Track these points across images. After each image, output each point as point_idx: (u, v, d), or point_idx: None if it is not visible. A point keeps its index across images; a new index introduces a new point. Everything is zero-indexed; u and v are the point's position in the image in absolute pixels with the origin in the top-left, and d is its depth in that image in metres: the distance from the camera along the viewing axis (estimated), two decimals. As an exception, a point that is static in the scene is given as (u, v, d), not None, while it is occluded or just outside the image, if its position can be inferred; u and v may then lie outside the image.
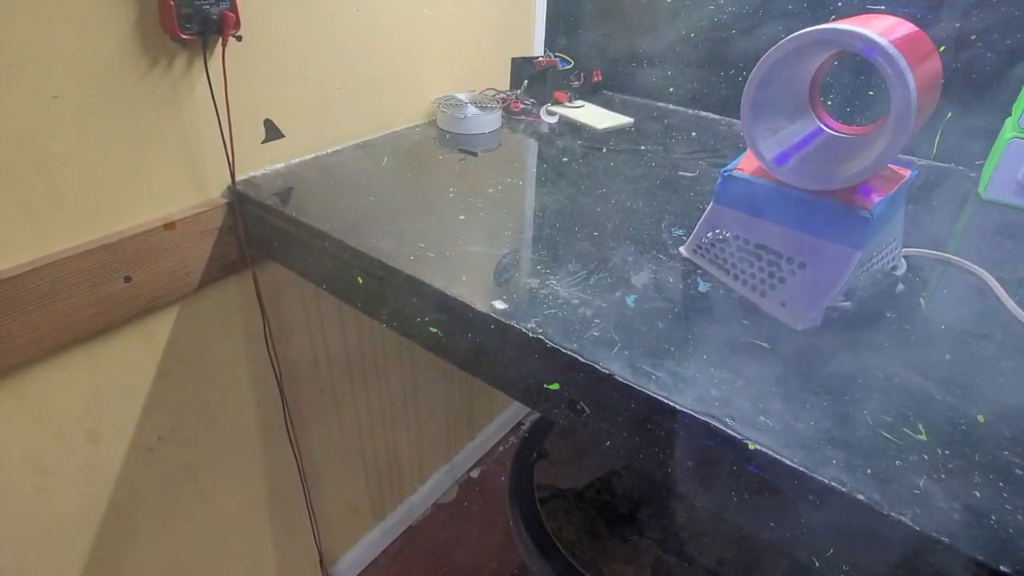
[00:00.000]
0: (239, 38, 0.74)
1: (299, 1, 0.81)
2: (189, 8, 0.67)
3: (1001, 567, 0.35)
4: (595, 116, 1.11)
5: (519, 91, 1.17)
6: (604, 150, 0.97)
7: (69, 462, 0.77)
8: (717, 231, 0.63)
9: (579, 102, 1.17)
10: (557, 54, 1.26)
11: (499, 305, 0.56)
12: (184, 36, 0.68)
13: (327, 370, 1.09)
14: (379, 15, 0.93)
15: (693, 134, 1.06)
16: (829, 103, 1.01)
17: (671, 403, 0.46)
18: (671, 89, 1.20)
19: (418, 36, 1.01)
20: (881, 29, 0.48)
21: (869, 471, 0.41)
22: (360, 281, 0.68)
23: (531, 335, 0.53)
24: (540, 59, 1.20)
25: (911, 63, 0.46)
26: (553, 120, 1.10)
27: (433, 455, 1.52)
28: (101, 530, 0.83)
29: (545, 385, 0.54)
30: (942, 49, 0.90)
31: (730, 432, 0.44)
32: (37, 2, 0.60)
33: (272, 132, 0.85)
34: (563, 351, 0.51)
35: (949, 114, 0.92)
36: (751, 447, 0.43)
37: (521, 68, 1.19)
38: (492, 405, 1.70)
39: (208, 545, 1.00)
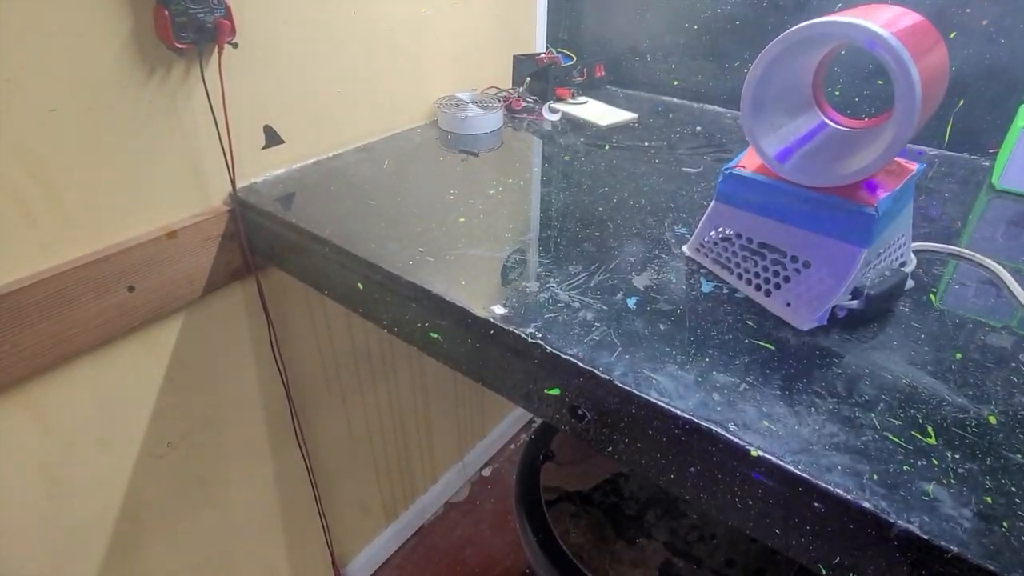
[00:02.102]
0: (235, 45, 0.73)
1: (295, 6, 0.81)
2: (184, 17, 0.67)
3: (1012, 577, 0.34)
4: (598, 112, 1.10)
5: (521, 89, 1.16)
6: (607, 147, 0.96)
7: (80, 470, 0.78)
8: (720, 230, 0.61)
9: (582, 98, 1.15)
10: (559, 50, 1.25)
11: (498, 310, 0.56)
12: (180, 45, 0.68)
13: (334, 372, 1.09)
14: (377, 17, 0.92)
15: (698, 128, 1.04)
16: (837, 93, 0.99)
17: (672, 409, 0.45)
18: (676, 83, 1.18)
19: (418, 37, 1.00)
20: (884, 21, 0.46)
21: (875, 477, 0.40)
22: (360, 287, 0.67)
23: (530, 340, 0.52)
24: (542, 56, 1.19)
25: (915, 55, 0.45)
26: (556, 118, 1.09)
27: (444, 454, 1.52)
28: (113, 537, 0.84)
29: (546, 390, 0.54)
30: (953, 35, 0.87)
31: (732, 438, 0.43)
32: (32, 16, 0.60)
33: (272, 138, 0.84)
34: (562, 356, 0.51)
35: (961, 102, 0.90)
36: (754, 454, 0.42)
37: (523, 65, 1.18)
38: (503, 402, 1.69)
39: (220, 549, 1.01)
